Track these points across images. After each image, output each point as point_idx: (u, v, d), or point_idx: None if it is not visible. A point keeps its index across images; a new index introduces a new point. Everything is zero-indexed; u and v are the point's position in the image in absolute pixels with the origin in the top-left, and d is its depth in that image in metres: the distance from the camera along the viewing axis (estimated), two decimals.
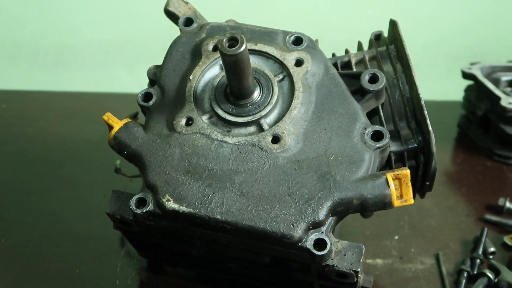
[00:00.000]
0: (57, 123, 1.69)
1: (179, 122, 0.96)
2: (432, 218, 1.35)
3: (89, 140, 1.59)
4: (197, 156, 0.93)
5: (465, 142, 1.66)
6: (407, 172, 0.89)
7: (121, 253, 1.24)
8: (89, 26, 2.15)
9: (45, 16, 2.14)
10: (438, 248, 1.27)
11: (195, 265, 1.14)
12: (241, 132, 0.95)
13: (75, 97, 1.86)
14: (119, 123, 0.98)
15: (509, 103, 1.47)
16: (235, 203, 0.89)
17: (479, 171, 1.54)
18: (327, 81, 0.97)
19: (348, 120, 0.94)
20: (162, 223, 0.94)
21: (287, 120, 0.94)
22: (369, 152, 0.92)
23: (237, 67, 0.88)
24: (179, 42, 1.03)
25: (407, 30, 1.07)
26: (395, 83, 1.05)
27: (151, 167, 0.93)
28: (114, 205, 0.98)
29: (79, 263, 1.21)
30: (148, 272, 1.20)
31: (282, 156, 0.91)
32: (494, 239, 1.29)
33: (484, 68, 1.61)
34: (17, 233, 1.29)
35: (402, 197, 0.90)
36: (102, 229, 1.24)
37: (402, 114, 1.04)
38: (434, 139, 1.00)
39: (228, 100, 0.96)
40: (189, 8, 1.07)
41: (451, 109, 1.76)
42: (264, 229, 0.87)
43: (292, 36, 1.00)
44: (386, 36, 1.11)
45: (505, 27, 2.15)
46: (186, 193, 0.90)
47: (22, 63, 2.20)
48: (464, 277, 1.18)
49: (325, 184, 0.89)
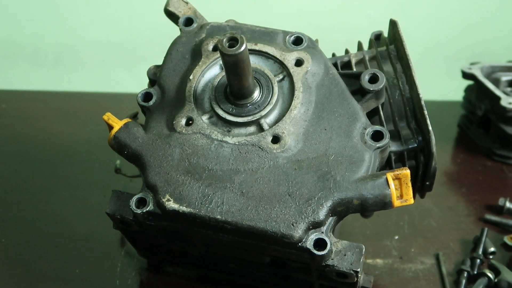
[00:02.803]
0: (57, 123, 1.69)
1: (179, 122, 0.96)
2: (432, 218, 1.35)
3: (89, 140, 1.59)
4: (197, 156, 0.93)
5: (465, 142, 1.66)
6: (407, 172, 0.89)
7: (121, 253, 1.24)
8: (89, 26, 2.15)
9: (45, 16, 2.14)
10: (438, 248, 1.27)
11: (195, 265, 1.14)
12: (241, 132, 0.95)
13: (75, 97, 1.86)
14: (119, 123, 0.98)
15: (509, 103, 1.47)
16: (235, 203, 0.89)
17: (479, 171, 1.54)
18: (327, 81, 0.97)
19: (348, 120, 0.94)
20: (162, 223, 0.94)
21: (287, 120, 0.93)
22: (369, 152, 0.92)
23: (237, 67, 0.88)
24: (179, 42, 1.03)
25: (407, 30, 1.07)
26: (395, 83, 1.05)
27: (151, 167, 0.93)
28: (114, 205, 0.98)
29: (79, 263, 1.21)
30: (148, 272, 1.20)
31: (282, 156, 0.91)
32: (494, 239, 1.29)
33: (484, 68, 1.61)
34: (17, 233, 1.29)
35: (402, 197, 0.90)
36: (102, 229, 1.24)
37: (402, 114, 1.04)
38: (434, 139, 1.00)
39: (228, 100, 0.96)
40: (189, 8, 1.07)
41: (451, 109, 1.76)
42: (264, 229, 0.87)
43: (292, 36, 1.00)
44: (386, 36, 1.11)
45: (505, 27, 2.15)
46: (186, 193, 0.90)
47: (22, 63, 2.20)
48: (464, 277, 1.18)
49: (325, 184, 0.89)
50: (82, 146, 1.58)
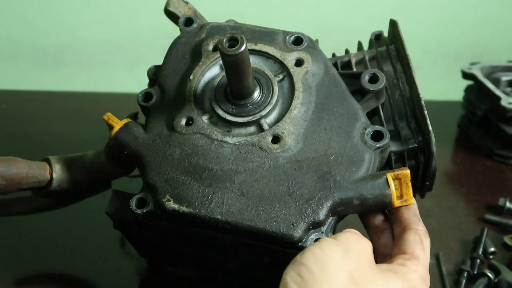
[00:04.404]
0: (57, 123, 1.69)
1: (179, 122, 0.96)
2: (432, 218, 1.35)
3: (89, 140, 1.58)
4: (197, 156, 0.93)
5: (465, 142, 1.65)
6: (407, 172, 0.89)
7: (121, 253, 1.24)
8: (89, 26, 2.15)
9: (45, 16, 2.14)
10: (438, 248, 1.27)
11: (195, 265, 1.14)
12: (241, 132, 0.95)
13: (75, 97, 1.86)
14: (119, 123, 0.98)
15: (509, 103, 1.47)
16: (235, 203, 0.89)
17: (479, 171, 1.54)
18: (327, 81, 0.97)
19: (348, 120, 0.94)
20: (162, 223, 0.94)
21: (287, 120, 0.93)
22: (369, 152, 0.92)
23: (237, 67, 0.88)
24: (179, 42, 1.03)
25: (407, 30, 1.07)
26: (395, 83, 1.05)
27: (151, 167, 0.93)
28: (114, 205, 0.98)
29: (79, 263, 1.21)
30: (148, 272, 1.20)
31: (282, 156, 0.91)
32: (494, 239, 1.29)
33: (484, 68, 1.61)
34: (17, 233, 1.28)
35: (402, 197, 0.90)
36: (102, 229, 1.24)
37: (402, 114, 1.04)
38: (434, 139, 1.00)
39: (228, 100, 0.96)
40: (189, 8, 1.07)
41: (451, 109, 1.76)
42: (264, 229, 0.87)
43: (292, 36, 1.00)
44: (386, 36, 1.11)
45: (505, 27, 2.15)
46: (186, 193, 0.90)
47: (22, 63, 2.20)
48: (464, 277, 1.18)
49: (325, 184, 0.89)
50: (82, 146, 1.57)
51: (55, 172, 1.02)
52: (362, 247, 0.78)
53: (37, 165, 1.02)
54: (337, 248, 0.76)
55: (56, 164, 1.03)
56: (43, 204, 1.10)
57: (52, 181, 1.02)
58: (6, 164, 0.98)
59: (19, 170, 0.99)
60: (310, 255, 0.75)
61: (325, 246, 0.76)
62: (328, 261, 0.74)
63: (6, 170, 0.98)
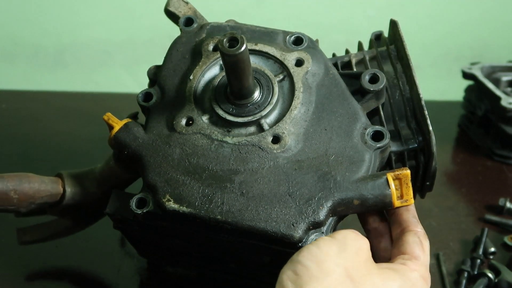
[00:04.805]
0: (57, 123, 1.69)
1: (179, 122, 0.96)
2: (432, 218, 1.35)
3: (89, 140, 1.58)
4: (197, 156, 0.93)
5: (465, 142, 1.65)
6: (407, 172, 0.89)
7: (121, 253, 1.24)
8: (89, 26, 2.15)
9: (45, 16, 2.14)
10: (438, 248, 1.27)
11: (195, 265, 1.14)
12: (241, 132, 0.95)
13: (75, 97, 1.86)
14: (119, 123, 0.98)
15: (509, 103, 1.47)
16: (235, 203, 0.89)
17: (479, 171, 1.54)
18: (327, 81, 0.97)
19: (348, 120, 0.94)
20: (162, 223, 0.93)
21: (287, 120, 0.93)
22: (370, 152, 0.92)
23: (237, 67, 0.88)
24: (179, 42, 1.03)
25: (407, 30, 1.07)
26: (396, 83, 1.05)
27: (151, 167, 0.93)
28: (114, 205, 0.98)
29: (79, 263, 1.21)
30: (148, 272, 1.20)
31: (282, 156, 0.91)
32: (494, 239, 1.29)
33: (484, 68, 1.61)
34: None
35: (403, 197, 0.90)
36: (102, 229, 1.24)
37: (402, 114, 1.04)
38: (434, 139, 1.00)
39: (228, 100, 0.96)
40: (189, 8, 1.07)
41: (451, 109, 1.76)
42: (264, 229, 0.87)
43: (292, 36, 1.00)
44: (387, 36, 1.11)
45: (505, 27, 2.15)
46: (186, 193, 0.90)
47: (22, 63, 2.20)
48: (464, 277, 1.18)
49: (325, 184, 0.89)
50: (82, 146, 1.57)
51: (68, 185, 1.03)
52: (360, 244, 0.78)
53: (50, 179, 1.03)
54: (333, 246, 0.76)
55: (68, 178, 1.04)
56: (61, 226, 1.10)
57: (65, 195, 1.03)
58: (18, 179, 0.99)
59: (32, 184, 1.00)
60: (307, 253, 0.75)
61: (322, 244, 0.76)
62: (324, 258, 0.74)
63: (18, 184, 0.99)
